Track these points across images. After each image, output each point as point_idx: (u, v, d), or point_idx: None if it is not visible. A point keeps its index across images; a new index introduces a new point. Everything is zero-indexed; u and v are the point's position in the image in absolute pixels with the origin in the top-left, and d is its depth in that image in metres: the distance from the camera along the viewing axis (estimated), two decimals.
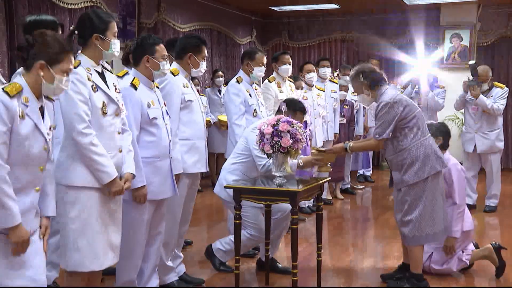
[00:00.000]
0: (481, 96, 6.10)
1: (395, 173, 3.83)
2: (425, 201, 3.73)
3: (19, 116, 2.29)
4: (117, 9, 7.16)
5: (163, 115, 3.35)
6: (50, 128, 2.47)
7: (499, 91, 6.22)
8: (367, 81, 3.85)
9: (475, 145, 6.28)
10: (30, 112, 2.35)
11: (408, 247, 3.88)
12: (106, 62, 4.23)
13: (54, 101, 2.57)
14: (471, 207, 6.43)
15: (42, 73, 2.38)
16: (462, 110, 6.69)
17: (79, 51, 2.90)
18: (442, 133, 4.21)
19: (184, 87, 3.70)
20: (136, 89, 3.23)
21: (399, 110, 3.70)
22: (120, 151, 2.92)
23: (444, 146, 4.17)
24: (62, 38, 2.50)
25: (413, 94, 7.50)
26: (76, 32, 2.90)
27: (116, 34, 2.92)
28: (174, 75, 3.68)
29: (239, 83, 4.64)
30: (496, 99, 6.17)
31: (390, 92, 3.81)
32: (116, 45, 2.91)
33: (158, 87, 3.46)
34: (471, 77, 6.21)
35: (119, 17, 7.24)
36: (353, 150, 3.95)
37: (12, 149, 2.30)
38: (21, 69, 2.55)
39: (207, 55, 3.89)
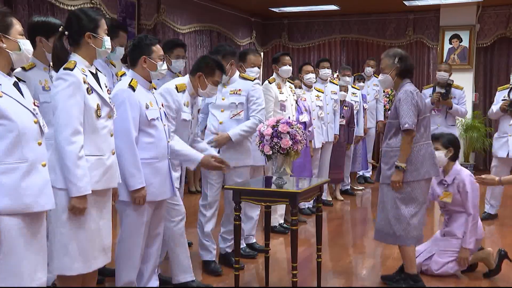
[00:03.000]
0: None
1: (385, 166, 3.81)
2: (416, 205, 3.74)
3: None
4: (117, 10, 7.17)
5: (161, 116, 3.34)
6: (34, 103, 2.45)
7: None
8: (399, 66, 3.81)
9: (508, 151, 5.90)
10: (6, 89, 2.33)
11: (399, 248, 3.88)
12: (111, 62, 4.23)
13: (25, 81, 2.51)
14: (492, 217, 6.16)
15: (5, 45, 2.36)
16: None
17: (71, 51, 2.85)
18: (454, 145, 4.19)
19: (184, 105, 3.69)
20: (134, 90, 3.21)
21: (417, 103, 3.72)
22: (113, 153, 2.90)
23: (454, 158, 4.20)
24: None
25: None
26: (66, 32, 2.82)
27: (106, 31, 2.88)
28: (178, 92, 3.66)
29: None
30: None
31: (411, 86, 3.81)
32: (108, 42, 2.87)
33: (155, 88, 3.45)
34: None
35: (119, 18, 7.24)
36: (401, 161, 3.70)
37: (6, 130, 2.29)
38: None
39: (220, 81, 3.81)
